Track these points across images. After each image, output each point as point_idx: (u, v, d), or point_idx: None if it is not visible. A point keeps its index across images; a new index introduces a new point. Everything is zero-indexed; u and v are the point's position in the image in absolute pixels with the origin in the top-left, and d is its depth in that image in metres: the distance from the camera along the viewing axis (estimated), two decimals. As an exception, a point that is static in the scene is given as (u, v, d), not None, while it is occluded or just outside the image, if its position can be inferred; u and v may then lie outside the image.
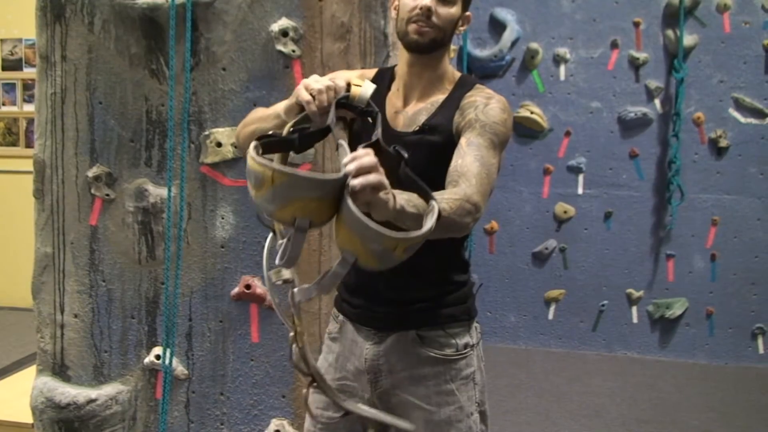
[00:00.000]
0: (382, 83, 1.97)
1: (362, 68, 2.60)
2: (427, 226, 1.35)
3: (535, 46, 5.27)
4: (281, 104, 1.83)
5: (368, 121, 1.75)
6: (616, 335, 5.38)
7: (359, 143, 1.45)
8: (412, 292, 1.93)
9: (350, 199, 1.27)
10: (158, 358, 2.77)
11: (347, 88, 1.75)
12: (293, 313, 1.49)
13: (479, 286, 2.15)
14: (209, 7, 2.67)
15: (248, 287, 2.72)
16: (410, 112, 1.94)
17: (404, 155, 1.51)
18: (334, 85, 1.71)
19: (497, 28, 5.30)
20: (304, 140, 1.67)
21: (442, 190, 1.63)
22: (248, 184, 1.37)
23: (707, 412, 4.40)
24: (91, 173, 2.82)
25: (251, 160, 1.34)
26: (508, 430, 4.00)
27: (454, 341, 1.92)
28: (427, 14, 1.82)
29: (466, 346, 1.93)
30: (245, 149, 1.51)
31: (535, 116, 5.28)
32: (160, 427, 2.70)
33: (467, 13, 1.94)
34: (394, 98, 1.96)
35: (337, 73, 1.95)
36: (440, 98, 1.92)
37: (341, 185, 1.29)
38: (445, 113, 1.89)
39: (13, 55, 6.23)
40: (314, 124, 1.71)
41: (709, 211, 5.21)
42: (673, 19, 5.09)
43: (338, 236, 1.33)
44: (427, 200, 1.46)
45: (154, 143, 2.79)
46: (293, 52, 2.65)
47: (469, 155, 1.73)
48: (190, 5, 2.62)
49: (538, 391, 4.65)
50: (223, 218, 2.76)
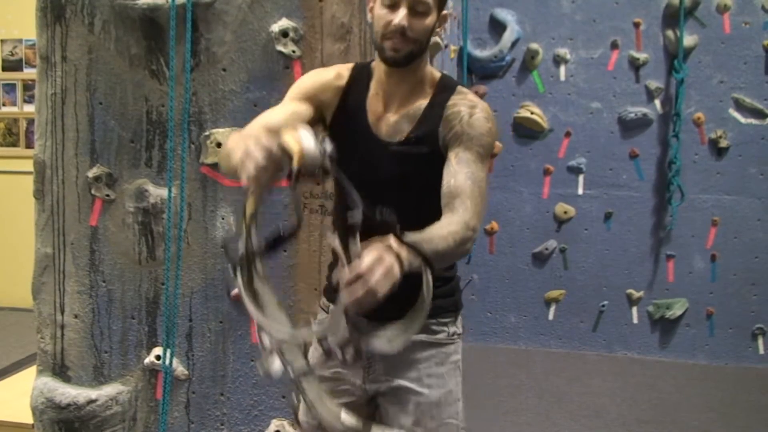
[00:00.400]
0: (360, 82, 1.97)
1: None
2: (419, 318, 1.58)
3: (535, 46, 5.26)
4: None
5: (329, 170, 1.59)
6: (616, 336, 5.37)
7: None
8: (404, 290, 1.93)
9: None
10: (158, 358, 2.77)
11: (283, 152, 1.51)
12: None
13: (468, 282, 2.22)
14: (209, 7, 2.67)
15: (248, 288, 2.72)
16: (392, 119, 1.93)
17: (395, 224, 1.53)
18: (262, 162, 1.49)
19: (497, 28, 5.29)
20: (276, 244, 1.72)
21: (430, 195, 1.77)
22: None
23: (707, 412, 4.40)
24: (91, 174, 2.82)
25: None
26: (508, 430, 4.00)
27: (445, 328, 2.02)
28: (401, 32, 1.80)
29: (454, 333, 2.04)
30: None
31: (535, 117, 5.27)
32: (160, 427, 2.70)
33: (444, 12, 1.90)
34: (374, 102, 1.95)
35: (287, 106, 1.89)
36: (422, 104, 1.92)
37: None
38: (429, 123, 1.89)
39: (13, 55, 6.24)
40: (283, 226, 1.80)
41: (709, 211, 5.20)
42: (673, 19, 5.08)
43: None
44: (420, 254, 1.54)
45: (154, 144, 2.80)
46: (293, 52, 2.65)
47: (460, 174, 1.78)
48: (190, 6, 2.62)
49: (538, 391, 4.65)
50: (223, 219, 2.76)
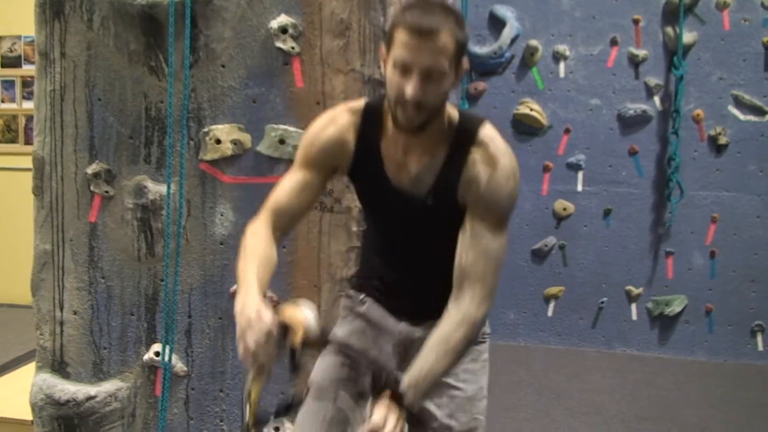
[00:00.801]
0: (372, 128, 1.89)
1: (360, 66, 2.60)
2: None
3: (534, 43, 5.26)
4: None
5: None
6: (615, 332, 5.37)
7: None
8: (438, 301, 1.91)
9: None
10: (157, 355, 2.77)
11: (284, 329, 1.66)
12: None
13: None
14: (208, 4, 2.67)
15: (247, 284, 2.71)
16: (413, 168, 1.88)
17: (402, 391, 1.68)
18: (264, 337, 1.61)
19: (497, 25, 5.29)
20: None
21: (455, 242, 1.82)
22: None
23: (706, 409, 4.40)
24: (90, 170, 2.82)
25: None
26: (507, 427, 4.00)
27: None
28: (415, 104, 1.69)
29: (484, 333, 2.09)
30: None
31: (534, 113, 5.27)
32: (159, 423, 2.70)
33: (463, 63, 1.76)
34: (391, 147, 1.88)
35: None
36: (442, 154, 1.85)
37: None
38: (449, 179, 1.85)
39: (12, 52, 6.23)
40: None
41: (708, 208, 5.20)
42: (672, 16, 5.07)
43: None
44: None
45: (153, 140, 2.79)
46: (292, 49, 2.65)
47: (472, 251, 1.80)
48: (189, 2, 2.62)
49: (537, 388, 4.65)
50: (222, 215, 2.76)
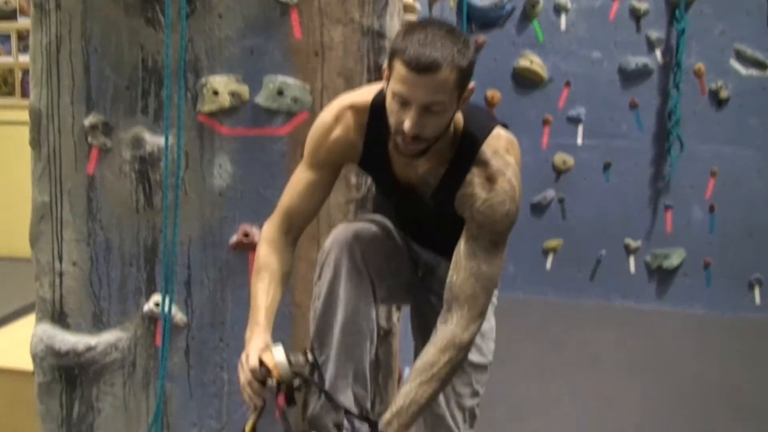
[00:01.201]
0: (378, 126, 1.86)
1: (359, 17, 2.57)
2: None
3: (535, -6, 5.22)
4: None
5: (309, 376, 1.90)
6: (613, 285, 5.41)
7: None
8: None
9: None
10: (157, 305, 2.79)
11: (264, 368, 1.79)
12: None
13: None
14: (204, -48, 2.64)
15: (246, 235, 2.72)
16: (420, 168, 1.89)
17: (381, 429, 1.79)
18: (250, 377, 1.78)
19: (497, -24, 5.24)
20: None
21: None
22: None
23: (704, 361, 4.44)
24: (87, 122, 2.80)
25: None
26: (507, 379, 4.04)
27: None
28: (413, 137, 1.68)
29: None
30: None
31: (535, 66, 5.24)
32: (160, 372, 2.73)
33: (469, 87, 1.72)
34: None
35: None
36: (446, 162, 1.85)
37: None
38: (449, 186, 1.86)
39: (7, 5, 6.17)
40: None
41: (708, 162, 5.20)
42: (675, -33, 5.03)
43: None
44: None
45: (150, 92, 2.77)
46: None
47: (464, 271, 1.84)
48: (184, -50, 2.58)
49: (535, 340, 4.69)
50: (220, 167, 2.75)
